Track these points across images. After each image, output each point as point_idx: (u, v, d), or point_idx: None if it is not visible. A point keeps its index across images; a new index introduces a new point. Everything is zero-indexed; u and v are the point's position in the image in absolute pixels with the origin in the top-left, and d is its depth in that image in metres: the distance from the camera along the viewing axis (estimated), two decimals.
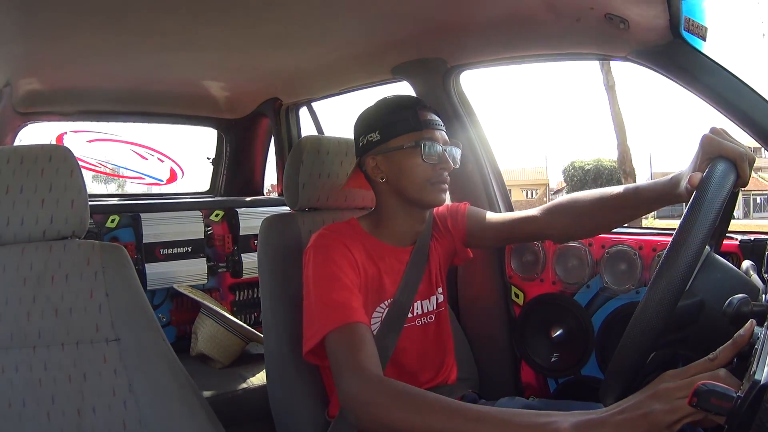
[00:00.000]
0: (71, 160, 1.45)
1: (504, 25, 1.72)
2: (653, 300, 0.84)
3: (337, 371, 1.18)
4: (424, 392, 1.06)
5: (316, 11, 1.75)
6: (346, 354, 1.18)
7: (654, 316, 0.83)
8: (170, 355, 1.43)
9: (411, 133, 1.40)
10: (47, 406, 1.30)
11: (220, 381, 2.34)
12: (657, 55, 1.50)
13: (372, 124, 1.45)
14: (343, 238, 1.39)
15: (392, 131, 1.41)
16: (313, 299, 1.31)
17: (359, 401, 1.10)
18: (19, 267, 1.37)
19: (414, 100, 1.49)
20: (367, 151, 1.45)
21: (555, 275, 1.84)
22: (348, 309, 1.25)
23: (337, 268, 1.32)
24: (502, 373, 1.94)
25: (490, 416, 0.93)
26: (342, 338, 1.21)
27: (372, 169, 1.45)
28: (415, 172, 1.40)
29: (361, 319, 1.24)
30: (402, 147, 1.40)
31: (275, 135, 3.10)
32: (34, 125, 2.77)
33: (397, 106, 1.45)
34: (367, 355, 1.17)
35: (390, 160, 1.42)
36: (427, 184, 1.41)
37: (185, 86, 2.70)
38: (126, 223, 2.62)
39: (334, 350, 1.21)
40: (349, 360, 1.16)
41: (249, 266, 2.87)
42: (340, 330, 1.22)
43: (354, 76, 2.40)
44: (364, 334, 1.22)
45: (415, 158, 1.39)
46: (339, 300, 1.27)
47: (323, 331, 1.23)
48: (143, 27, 1.82)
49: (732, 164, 0.96)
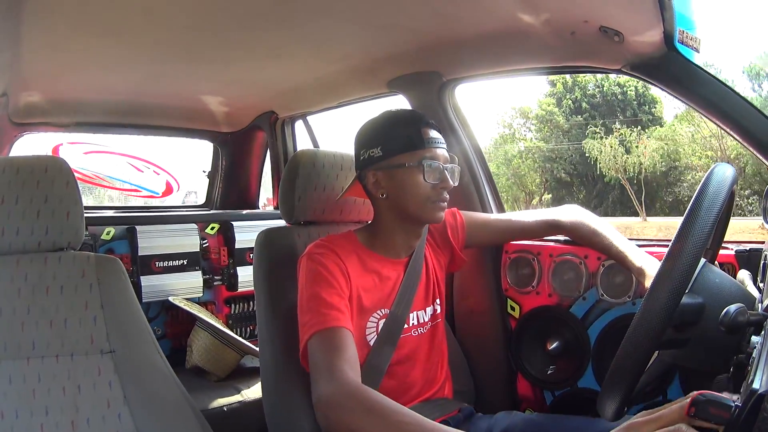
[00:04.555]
0: (67, 172, 1.45)
1: (499, 38, 1.73)
2: (649, 311, 0.84)
3: (315, 373, 1.19)
4: (399, 407, 1.07)
5: (313, 25, 1.76)
6: (324, 357, 1.19)
7: (650, 328, 0.83)
8: (165, 367, 1.42)
9: (413, 151, 1.41)
10: (41, 417, 1.29)
11: (216, 394, 2.33)
12: (651, 67, 1.51)
13: (374, 139, 1.45)
14: (337, 248, 1.40)
15: (394, 148, 1.41)
16: (302, 303, 1.32)
17: (331, 403, 1.10)
18: (13, 278, 1.37)
19: (417, 116, 1.49)
20: (367, 165, 1.45)
21: (551, 288, 1.84)
22: (333, 312, 1.27)
23: (328, 273, 1.34)
24: (499, 386, 1.93)
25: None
26: (323, 342, 1.23)
27: (372, 185, 1.46)
28: (416, 191, 1.41)
29: (344, 325, 1.26)
30: (404, 165, 1.40)
31: (271, 148, 3.11)
32: (30, 136, 2.78)
33: (400, 122, 1.45)
34: (345, 360, 1.18)
35: (391, 177, 1.43)
36: (428, 203, 1.43)
37: (181, 99, 2.70)
38: (121, 235, 2.61)
39: (314, 353, 1.23)
40: (327, 363, 1.17)
41: (244, 279, 2.85)
42: (321, 333, 1.24)
43: (350, 90, 2.41)
44: (346, 340, 1.23)
45: (417, 177, 1.40)
46: (325, 304, 1.28)
47: (308, 334, 1.25)
48: (140, 39, 1.83)
49: (730, 167, 0.97)
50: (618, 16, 1.44)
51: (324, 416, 1.11)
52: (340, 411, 1.08)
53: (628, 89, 24.05)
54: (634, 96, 24.02)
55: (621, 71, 1.59)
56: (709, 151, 18.65)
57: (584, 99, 23.64)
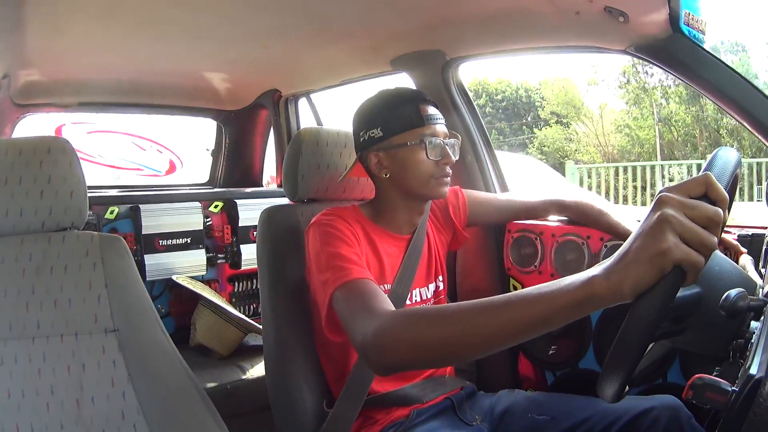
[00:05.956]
0: (70, 152, 1.45)
1: (503, 17, 1.71)
2: (651, 291, 0.85)
3: (350, 320, 1.12)
4: (444, 305, 1.03)
5: (316, 3, 1.75)
6: (357, 303, 1.13)
7: (652, 308, 0.83)
8: (169, 346, 1.43)
9: (414, 129, 1.41)
10: (46, 396, 1.31)
11: (219, 372, 2.36)
12: (656, 48, 1.49)
13: (373, 119, 1.45)
14: (345, 216, 1.41)
15: (394, 128, 1.42)
16: (320, 263, 1.30)
17: (383, 332, 1.00)
18: (17, 258, 1.37)
19: (414, 93, 1.50)
20: (368, 146, 1.46)
21: (553, 267, 1.84)
22: (354, 267, 1.24)
23: (341, 233, 1.34)
24: (500, 366, 1.94)
25: (531, 296, 0.82)
26: (351, 292, 1.18)
27: (374, 165, 1.46)
28: (419, 169, 1.42)
29: (368, 277, 1.23)
30: (405, 144, 1.41)
31: (274, 126, 3.10)
32: (33, 117, 2.77)
33: (398, 101, 1.45)
34: (380, 300, 1.12)
35: (393, 157, 1.44)
36: (431, 180, 1.44)
37: (184, 77, 2.69)
38: (125, 214, 2.62)
39: (343, 303, 1.18)
40: (362, 306, 1.11)
41: (248, 257, 2.87)
42: (346, 285, 1.20)
43: (353, 68, 2.39)
44: (374, 287, 1.19)
45: (419, 155, 1.41)
46: (344, 259, 1.27)
47: (332, 288, 1.22)
48: (142, 17, 1.82)
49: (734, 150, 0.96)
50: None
51: (379, 350, 1.00)
52: (400, 331, 0.98)
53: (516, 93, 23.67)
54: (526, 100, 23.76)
55: (626, 52, 1.57)
56: (591, 148, 18.93)
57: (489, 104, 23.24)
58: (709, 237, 0.68)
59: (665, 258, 0.67)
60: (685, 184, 0.72)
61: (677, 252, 0.67)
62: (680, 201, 0.69)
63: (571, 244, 1.80)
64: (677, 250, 0.67)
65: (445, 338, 0.91)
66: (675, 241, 0.67)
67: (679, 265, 0.67)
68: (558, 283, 0.78)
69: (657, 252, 0.67)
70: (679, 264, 0.67)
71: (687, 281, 0.69)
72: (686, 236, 0.68)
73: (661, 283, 0.68)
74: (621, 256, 0.72)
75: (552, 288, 0.79)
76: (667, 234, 0.67)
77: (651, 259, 0.68)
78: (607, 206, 1.66)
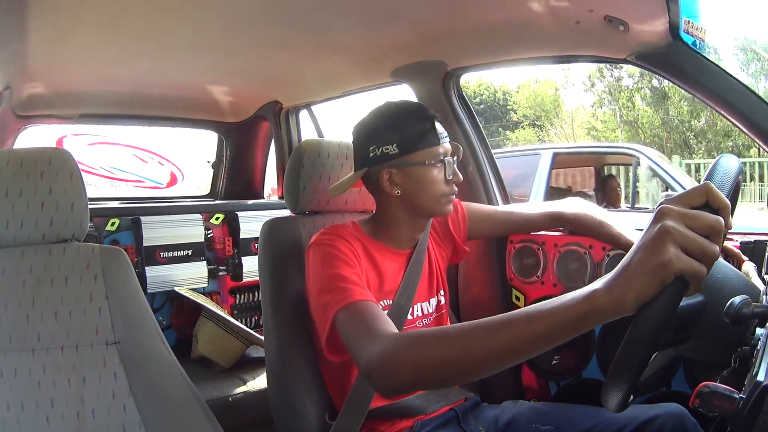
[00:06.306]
0: (71, 164, 1.45)
1: (504, 28, 1.72)
2: (653, 302, 0.84)
3: (354, 342, 1.12)
4: (446, 326, 1.02)
5: (317, 14, 1.75)
6: (360, 324, 1.13)
7: (654, 319, 0.83)
8: (170, 358, 1.43)
9: (432, 148, 1.40)
10: (46, 409, 1.30)
11: (221, 384, 2.34)
12: (657, 57, 1.50)
13: (387, 135, 1.41)
14: (344, 234, 1.40)
15: (412, 145, 1.39)
16: (321, 285, 1.29)
17: (388, 354, 0.99)
18: (18, 270, 1.37)
19: (426, 110, 1.46)
20: (379, 162, 1.42)
21: (555, 277, 1.84)
22: (356, 288, 1.23)
23: (342, 254, 1.33)
24: (504, 376, 1.93)
25: (533, 313, 0.81)
26: (353, 313, 1.17)
27: (386, 182, 1.42)
28: (434, 188, 1.41)
29: (370, 299, 1.22)
30: (423, 163, 1.39)
31: (275, 138, 3.10)
32: (34, 128, 2.77)
33: (413, 118, 1.42)
34: (382, 321, 1.11)
35: (408, 175, 1.41)
36: (443, 198, 1.43)
37: (185, 90, 2.70)
38: (126, 226, 2.61)
39: (346, 325, 1.18)
40: (366, 328, 1.10)
41: (249, 269, 2.85)
42: (349, 307, 1.19)
43: (354, 80, 2.40)
44: (376, 309, 1.18)
45: (436, 174, 1.40)
46: (346, 280, 1.25)
47: (333, 310, 1.21)
48: (144, 30, 1.83)
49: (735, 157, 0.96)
50: (623, 5, 1.43)
51: (383, 373, 0.99)
52: (403, 353, 0.97)
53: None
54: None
55: (626, 61, 1.58)
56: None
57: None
58: (710, 246, 0.68)
59: (666, 270, 0.67)
60: (685, 195, 0.72)
61: (678, 263, 0.67)
62: (680, 212, 0.70)
63: (573, 253, 1.79)
64: (678, 261, 0.67)
65: (449, 359, 0.91)
66: (676, 252, 0.67)
67: (681, 275, 0.67)
68: (560, 299, 0.78)
69: (658, 264, 0.68)
70: (681, 275, 0.67)
71: (689, 291, 0.69)
72: (687, 246, 0.68)
73: (663, 295, 0.68)
74: (622, 269, 0.72)
75: (554, 304, 0.78)
76: (667, 246, 0.68)
77: (652, 271, 0.68)
78: (607, 217, 1.65)
